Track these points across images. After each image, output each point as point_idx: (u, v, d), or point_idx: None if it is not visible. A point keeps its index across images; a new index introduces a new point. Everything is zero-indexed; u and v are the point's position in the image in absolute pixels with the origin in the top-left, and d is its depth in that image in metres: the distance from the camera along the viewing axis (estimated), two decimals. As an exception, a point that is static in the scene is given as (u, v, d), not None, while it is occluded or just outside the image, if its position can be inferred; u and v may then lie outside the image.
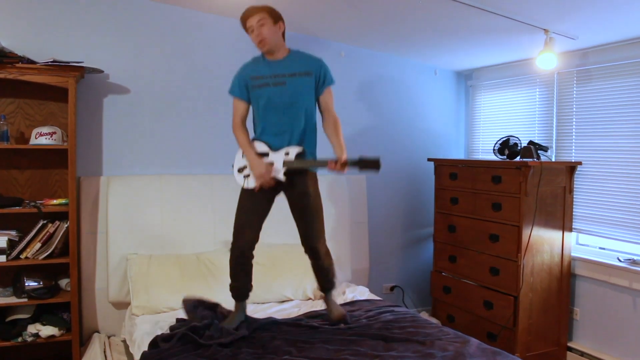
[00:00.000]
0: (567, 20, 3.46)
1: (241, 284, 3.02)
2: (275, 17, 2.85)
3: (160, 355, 2.56)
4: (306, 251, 3.05)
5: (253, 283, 3.05)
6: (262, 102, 2.87)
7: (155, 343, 2.69)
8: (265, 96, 2.85)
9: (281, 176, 2.84)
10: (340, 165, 2.71)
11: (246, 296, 3.04)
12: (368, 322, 3.11)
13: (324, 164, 2.79)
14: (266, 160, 2.86)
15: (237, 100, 2.96)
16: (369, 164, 2.69)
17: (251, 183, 2.89)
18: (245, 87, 2.92)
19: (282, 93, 2.84)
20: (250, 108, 2.99)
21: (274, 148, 2.88)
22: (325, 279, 3.14)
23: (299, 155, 2.86)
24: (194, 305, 3.06)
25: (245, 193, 2.96)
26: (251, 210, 2.94)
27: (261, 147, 2.90)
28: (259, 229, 2.98)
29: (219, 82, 4.04)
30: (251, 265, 3.02)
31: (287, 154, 2.85)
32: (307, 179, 2.94)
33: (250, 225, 2.94)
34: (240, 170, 2.96)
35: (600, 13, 3.27)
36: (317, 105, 2.97)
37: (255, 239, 2.97)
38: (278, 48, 2.89)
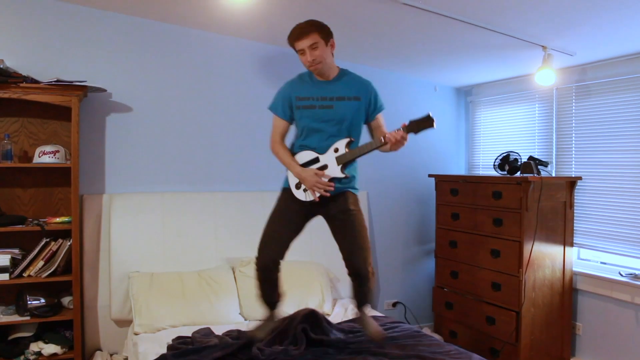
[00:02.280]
0: (565, 37, 3.50)
1: (266, 295, 2.92)
2: (327, 35, 2.73)
3: None
4: (350, 273, 2.88)
5: (255, 300, 3.02)
6: (308, 122, 2.77)
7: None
8: (311, 117, 2.76)
9: (339, 173, 2.71)
10: (399, 136, 2.58)
11: (273, 306, 2.95)
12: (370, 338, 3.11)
13: (379, 143, 2.65)
14: (317, 165, 2.75)
15: (278, 118, 2.85)
16: (423, 124, 2.58)
17: (303, 196, 2.79)
18: (289, 106, 2.82)
19: (329, 115, 2.75)
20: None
21: (321, 151, 2.76)
22: (364, 297, 2.95)
23: (348, 146, 2.73)
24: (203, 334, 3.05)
25: (284, 198, 2.86)
26: (284, 222, 2.84)
27: (307, 155, 2.78)
28: (287, 246, 2.85)
29: (221, 100, 4.10)
30: (277, 278, 2.90)
31: (336, 150, 2.73)
32: (347, 196, 2.84)
33: (279, 238, 2.83)
34: (298, 186, 2.81)
35: (598, 29, 3.31)
36: (366, 126, 2.92)
37: (280, 255, 2.84)
38: (329, 68, 2.78)
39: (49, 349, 3.29)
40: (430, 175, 4.70)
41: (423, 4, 3.08)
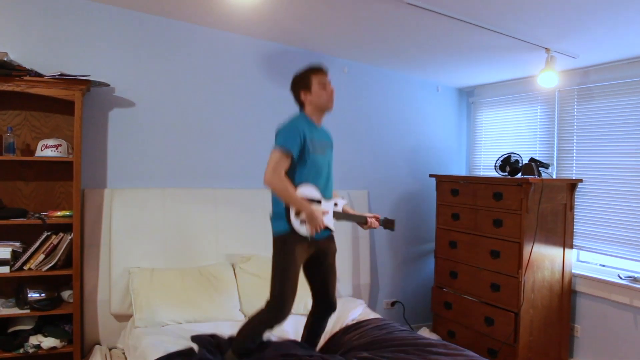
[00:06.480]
0: (568, 39, 3.51)
1: (253, 343, 2.79)
2: None
3: None
4: (323, 308, 3.03)
5: (255, 297, 3.02)
6: (313, 167, 2.74)
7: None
8: (318, 163, 2.77)
9: (331, 226, 2.85)
10: (375, 226, 2.96)
11: (249, 355, 2.79)
12: (365, 337, 3.12)
13: (363, 219, 2.95)
14: (320, 207, 2.76)
15: (284, 155, 2.65)
16: (389, 224, 3.04)
17: (304, 230, 2.70)
18: (301, 146, 2.68)
19: (324, 162, 2.83)
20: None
21: (325, 197, 2.83)
22: (318, 336, 3.13)
23: (343, 206, 2.94)
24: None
25: (299, 247, 2.74)
26: (298, 274, 2.78)
27: (314, 192, 2.76)
28: None
29: (224, 97, 4.10)
30: None
31: (335, 204, 2.89)
32: (334, 241, 3.02)
33: (295, 292, 2.76)
34: (297, 213, 2.70)
35: (601, 32, 3.32)
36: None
37: None
38: None
39: (48, 342, 3.29)
40: (431, 175, 4.70)
41: (427, 4, 3.08)
